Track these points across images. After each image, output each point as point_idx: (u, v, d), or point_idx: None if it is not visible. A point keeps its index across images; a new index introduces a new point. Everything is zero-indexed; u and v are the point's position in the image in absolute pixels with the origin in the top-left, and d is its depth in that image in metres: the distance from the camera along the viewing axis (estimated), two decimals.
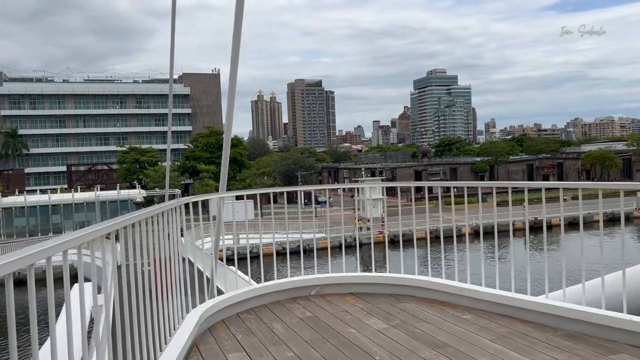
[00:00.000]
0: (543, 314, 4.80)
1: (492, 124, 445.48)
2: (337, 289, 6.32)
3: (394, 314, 5.37)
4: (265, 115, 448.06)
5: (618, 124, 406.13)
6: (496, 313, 5.17)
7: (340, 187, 7.95)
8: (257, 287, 5.98)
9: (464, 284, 5.67)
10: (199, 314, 4.90)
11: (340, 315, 5.39)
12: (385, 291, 6.21)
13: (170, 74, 13.13)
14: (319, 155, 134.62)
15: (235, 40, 6.15)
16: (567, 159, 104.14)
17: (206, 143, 75.19)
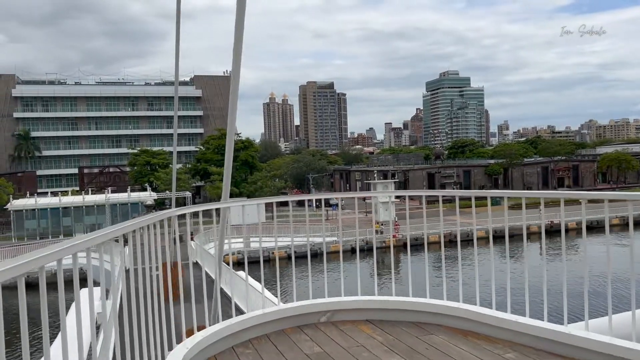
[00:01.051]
0: (606, 355, 3.86)
1: (505, 126, 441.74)
2: (351, 315, 5.45)
3: (420, 350, 4.48)
4: (277, 117, 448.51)
5: (633, 125, 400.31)
6: (545, 351, 4.29)
7: (349, 195, 7.04)
8: (256, 314, 5.15)
9: (503, 314, 4.76)
10: (183, 353, 4.12)
11: (356, 352, 4.51)
12: (408, 318, 5.30)
13: (176, 76, 12.77)
14: (331, 158, 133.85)
15: (236, 45, 5.45)
16: (583, 162, 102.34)
17: (217, 145, 74.74)
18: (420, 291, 5.78)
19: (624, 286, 4.56)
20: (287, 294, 34.31)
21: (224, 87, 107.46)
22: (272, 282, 37.63)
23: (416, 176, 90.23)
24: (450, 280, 6.01)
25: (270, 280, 37.55)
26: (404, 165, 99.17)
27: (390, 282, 5.95)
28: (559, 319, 4.42)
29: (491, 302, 4.98)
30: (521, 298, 4.82)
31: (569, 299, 4.44)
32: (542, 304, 4.51)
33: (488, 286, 5.24)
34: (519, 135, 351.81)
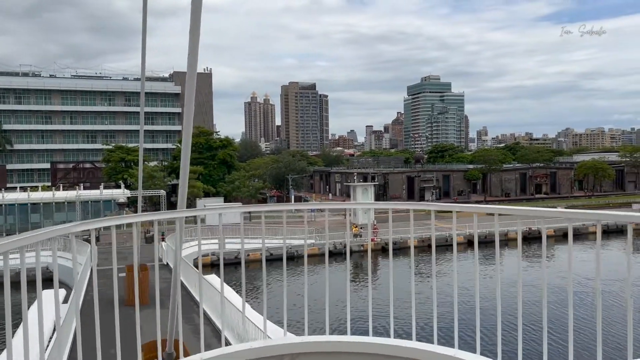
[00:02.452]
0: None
1: (484, 131, 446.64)
2: (316, 358, 4.49)
3: None
4: (258, 117, 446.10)
5: (608, 135, 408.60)
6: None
7: (324, 206, 6.05)
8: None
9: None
10: None
11: None
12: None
13: (142, 73, 12.05)
14: (311, 159, 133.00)
15: (193, 41, 4.55)
16: (560, 169, 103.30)
17: (195, 143, 73.24)
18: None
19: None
20: (258, 301, 33.35)
21: (203, 84, 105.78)
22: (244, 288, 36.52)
23: (396, 179, 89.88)
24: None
25: (240, 285, 36.35)
26: (384, 169, 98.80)
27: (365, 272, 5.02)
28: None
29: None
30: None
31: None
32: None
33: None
34: (498, 141, 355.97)
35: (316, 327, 12.35)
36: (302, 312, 5.05)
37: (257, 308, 26.01)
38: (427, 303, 31.15)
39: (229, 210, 5.59)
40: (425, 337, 4.23)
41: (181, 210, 5.17)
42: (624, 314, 3.23)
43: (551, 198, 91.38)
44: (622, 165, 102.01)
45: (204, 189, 63.26)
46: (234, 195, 65.27)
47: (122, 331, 3.56)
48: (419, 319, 4.38)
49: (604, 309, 29.53)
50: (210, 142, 73.75)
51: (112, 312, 3.38)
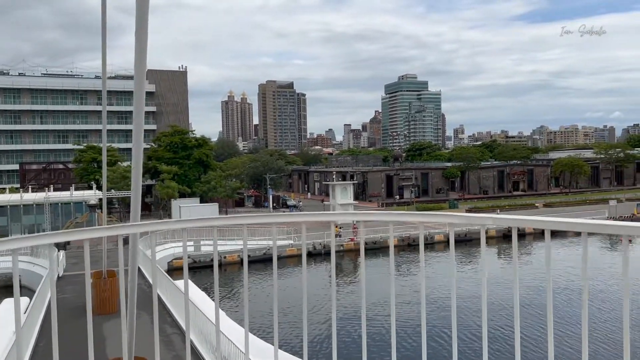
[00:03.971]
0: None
1: (460, 129, 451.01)
2: None
3: None
4: (235, 116, 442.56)
5: (582, 132, 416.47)
6: None
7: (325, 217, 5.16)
8: None
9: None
10: None
11: None
12: None
13: (103, 70, 11.24)
14: (290, 158, 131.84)
15: (140, 42, 3.71)
16: (537, 166, 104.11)
17: (170, 142, 71.50)
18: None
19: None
20: (238, 303, 32.23)
21: (178, 83, 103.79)
22: (221, 293, 35.34)
23: (375, 178, 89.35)
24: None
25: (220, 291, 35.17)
26: (363, 167, 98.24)
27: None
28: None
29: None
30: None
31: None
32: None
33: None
34: (474, 139, 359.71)
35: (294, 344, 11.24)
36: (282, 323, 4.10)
37: (234, 315, 24.90)
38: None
39: (193, 225, 4.50)
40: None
41: (135, 225, 4.02)
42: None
43: (529, 195, 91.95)
44: (597, 162, 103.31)
45: (179, 189, 61.63)
46: (210, 195, 63.78)
47: (85, 344, 3.11)
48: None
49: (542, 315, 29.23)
50: (186, 142, 72.02)
51: (76, 322, 2.70)
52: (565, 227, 2.62)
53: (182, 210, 57.70)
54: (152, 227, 3.11)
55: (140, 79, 4.39)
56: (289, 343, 24.77)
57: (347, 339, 25.35)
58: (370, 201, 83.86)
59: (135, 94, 4.50)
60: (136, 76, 4.35)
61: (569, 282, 35.05)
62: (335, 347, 3.26)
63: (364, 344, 3.10)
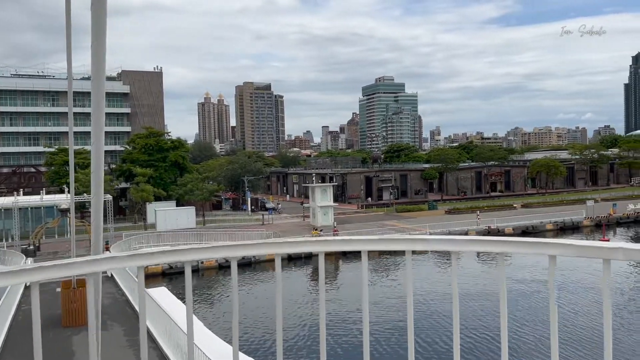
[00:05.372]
0: None
1: (437, 131, 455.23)
2: None
3: None
4: (212, 117, 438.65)
5: (555, 133, 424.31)
6: None
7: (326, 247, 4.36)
8: None
9: None
10: None
11: None
12: None
13: (69, 68, 10.31)
14: (268, 160, 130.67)
15: (97, 44, 2.91)
16: (514, 167, 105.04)
17: (144, 144, 69.85)
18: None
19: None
20: (215, 310, 31.18)
21: (154, 84, 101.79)
22: (197, 300, 34.29)
23: (354, 180, 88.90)
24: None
25: (196, 298, 34.36)
26: (342, 169, 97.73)
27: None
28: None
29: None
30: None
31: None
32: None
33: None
34: (450, 141, 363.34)
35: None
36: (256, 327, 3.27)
37: (209, 324, 23.93)
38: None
39: (157, 262, 3.60)
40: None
41: (94, 261, 2.87)
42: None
43: (506, 196, 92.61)
44: (572, 163, 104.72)
45: (155, 192, 60.10)
46: (187, 198, 62.39)
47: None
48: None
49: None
50: (161, 144, 70.45)
51: (43, 334, 2.48)
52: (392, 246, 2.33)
53: (157, 214, 56.23)
54: (107, 264, 2.25)
55: (99, 80, 3.63)
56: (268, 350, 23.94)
57: (328, 346, 24.61)
58: (349, 203, 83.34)
59: (92, 95, 3.72)
60: (94, 76, 3.60)
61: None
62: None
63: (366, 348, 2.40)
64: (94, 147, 3.99)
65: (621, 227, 59.95)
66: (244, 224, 60.77)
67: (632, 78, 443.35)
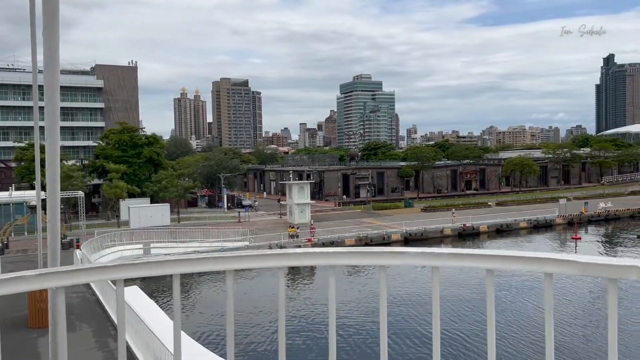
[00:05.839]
0: None
1: (413, 129, 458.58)
2: None
3: None
4: (188, 113, 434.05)
5: (529, 133, 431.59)
6: None
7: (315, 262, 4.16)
8: None
9: None
10: None
11: None
12: None
13: (34, 63, 9.92)
14: (245, 157, 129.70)
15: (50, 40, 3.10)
16: (489, 165, 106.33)
17: (118, 140, 68.56)
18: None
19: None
20: (194, 311, 30.62)
21: (128, 79, 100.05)
22: (167, 294, 33.71)
23: (331, 177, 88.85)
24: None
25: (164, 292, 33.79)
26: (320, 166, 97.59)
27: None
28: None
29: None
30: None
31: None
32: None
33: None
34: (427, 139, 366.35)
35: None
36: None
37: (189, 329, 23.51)
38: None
39: (121, 276, 3.36)
40: None
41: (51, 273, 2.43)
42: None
43: (481, 194, 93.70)
44: (545, 162, 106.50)
45: (128, 189, 59.01)
46: (161, 195, 61.45)
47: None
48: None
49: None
50: (135, 139, 69.21)
51: (8, 336, 1.93)
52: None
53: (131, 211, 55.24)
54: (85, 276, 1.99)
55: (52, 71, 3.38)
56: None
57: (302, 346, 24.44)
58: (327, 200, 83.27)
59: (45, 88, 3.47)
60: (46, 67, 3.35)
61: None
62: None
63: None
64: (49, 141, 3.72)
65: (592, 225, 61.16)
66: (219, 221, 60.14)
67: (603, 79, 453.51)
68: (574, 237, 52.35)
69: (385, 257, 2.06)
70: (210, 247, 43.03)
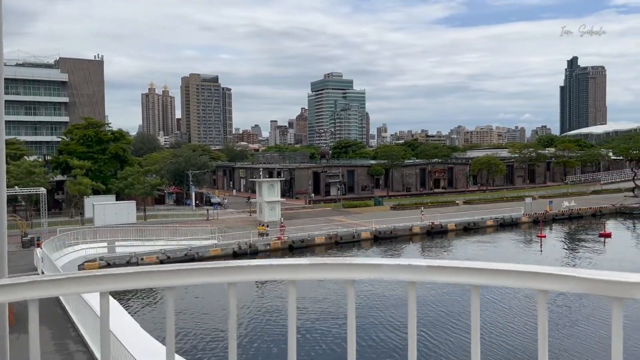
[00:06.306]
0: None
1: (383, 128, 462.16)
2: None
3: None
4: (156, 109, 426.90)
5: (496, 132, 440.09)
6: None
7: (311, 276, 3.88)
8: None
9: None
10: None
11: None
12: None
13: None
14: (214, 153, 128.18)
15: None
16: (457, 164, 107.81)
17: (82, 135, 66.75)
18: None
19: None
20: (160, 311, 29.92)
21: (94, 73, 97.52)
22: (137, 298, 32.93)
23: (302, 175, 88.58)
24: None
25: (135, 298, 32.96)
26: (290, 164, 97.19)
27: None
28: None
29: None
30: None
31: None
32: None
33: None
34: (396, 138, 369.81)
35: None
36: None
37: (152, 330, 22.89)
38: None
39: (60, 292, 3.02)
40: None
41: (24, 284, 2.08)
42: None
43: (449, 192, 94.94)
44: (511, 161, 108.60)
45: (93, 186, 57.49)
46: (127, 193, 60.09)
47: None
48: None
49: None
50: (101, 135, 67.50)
51: None
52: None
53: (95, 209, 53.83)
54: (63, 287, 1.68)
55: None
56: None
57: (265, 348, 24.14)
58: (297, 198, 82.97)
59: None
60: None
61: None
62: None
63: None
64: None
65: (557, 224, 62.60)
66: (187, 219, 59.20)
67: (567, 81, 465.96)
68: (539, 235, 53.46)
69: (354, 270, 1.78)
70: (177, 246, 42.26)
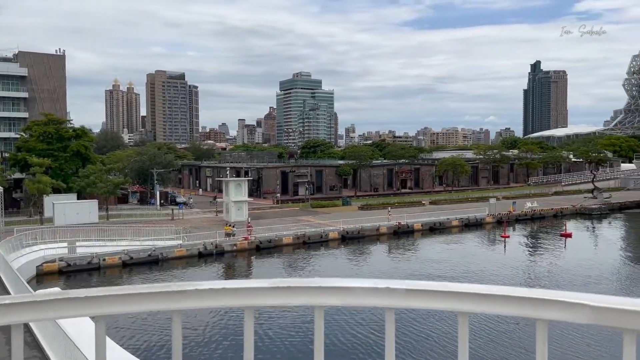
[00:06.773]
0: None
1: (351, 128, 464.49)
2: None
3: None
4: (121, 106, 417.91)
5: (461, 134, 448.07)
6: None
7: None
8: None
9: None
10: None
11: None
12: None
13: None
14: (180, 152, 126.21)
15: None
16: (423, 165, 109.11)
17: (42, 132, 64.61)
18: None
19: None
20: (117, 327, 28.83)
21: (55, 68, 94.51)
22: None
23: (270, 174, 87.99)
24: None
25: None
26: (258, 163, 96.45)
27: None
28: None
29: None
30: None
31: None
32: None
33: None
34: (364, 138, 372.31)
35: None
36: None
37: (116, 337, 22.11)
38: None
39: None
40: None
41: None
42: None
43: (416, 193, 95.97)
44: (476, 162, 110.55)
45: (53, 184, 55.66)
46: (89, 191, 58.42)
47: None
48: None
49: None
50: (62, 132, 65.47)
51: None
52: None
53: (55, 208, 52.11)
54: (50, 310, 1.45)
55: None
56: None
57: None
58: (265, 198, 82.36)
59: None
60: None
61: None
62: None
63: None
64: None
65: (519, 224, 63.92)
66: (151, 219, 57.94)
67: (530, 85, 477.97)
68: (503, 235, 54.45)
69: (324, 294, 1.54)
70: (141, 247, 41.25)
